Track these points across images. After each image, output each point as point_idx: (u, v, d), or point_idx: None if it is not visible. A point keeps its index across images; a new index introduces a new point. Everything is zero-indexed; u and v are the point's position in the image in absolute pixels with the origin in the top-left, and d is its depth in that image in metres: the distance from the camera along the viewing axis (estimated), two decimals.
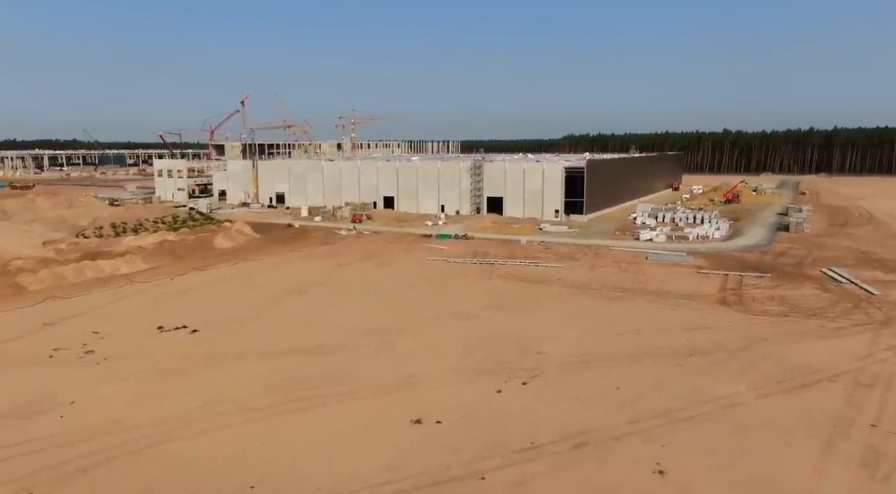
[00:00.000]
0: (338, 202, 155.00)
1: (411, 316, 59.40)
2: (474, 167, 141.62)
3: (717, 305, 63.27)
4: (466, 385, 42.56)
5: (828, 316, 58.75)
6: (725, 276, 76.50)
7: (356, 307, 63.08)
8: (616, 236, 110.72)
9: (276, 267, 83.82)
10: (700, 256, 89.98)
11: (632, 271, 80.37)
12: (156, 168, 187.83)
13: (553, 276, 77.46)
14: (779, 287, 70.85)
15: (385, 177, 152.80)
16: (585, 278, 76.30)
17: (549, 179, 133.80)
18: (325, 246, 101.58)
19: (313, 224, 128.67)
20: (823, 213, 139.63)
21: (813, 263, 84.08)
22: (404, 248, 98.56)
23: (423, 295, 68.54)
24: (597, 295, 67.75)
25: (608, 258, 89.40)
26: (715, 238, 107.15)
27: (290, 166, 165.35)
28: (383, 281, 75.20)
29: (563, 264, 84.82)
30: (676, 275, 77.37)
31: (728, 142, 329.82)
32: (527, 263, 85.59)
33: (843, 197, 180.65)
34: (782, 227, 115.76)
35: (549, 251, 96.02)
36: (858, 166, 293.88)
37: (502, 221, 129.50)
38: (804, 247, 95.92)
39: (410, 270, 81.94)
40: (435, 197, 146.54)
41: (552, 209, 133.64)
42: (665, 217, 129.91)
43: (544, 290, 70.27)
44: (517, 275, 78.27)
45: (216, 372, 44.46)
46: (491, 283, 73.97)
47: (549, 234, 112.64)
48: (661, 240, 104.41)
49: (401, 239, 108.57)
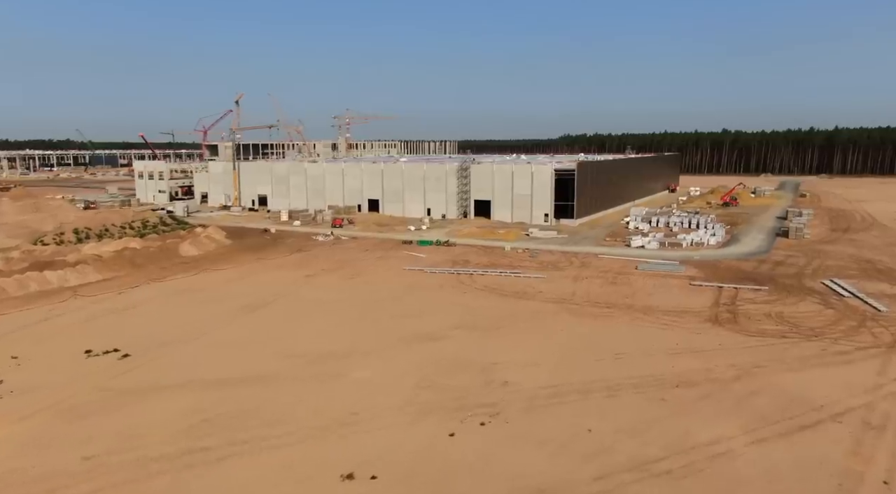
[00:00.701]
0: (321, 205, 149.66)
1: (370, 338, 53.86)
2: (461, 169, 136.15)
3: (708, 324, 57.71)
4: (416, 426, 37.01)
5: (830, 338, 53.19)
6: (719, 289, 70.94)
7: (312, 326, 57.54)
8: (606, 242, 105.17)
9: (238, 279, 78.28)
10: (693, 265, 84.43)
11: (619, 283, 74.82)
12: (136, 169, 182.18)
13: (534, 289, 71.92)
14: (777, 301, 65.28)
15: (369, 180, 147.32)
16: (568, 291, 70.75)
17: (539, 182, 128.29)
18: (298, 253, 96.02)
19: (291, 229, 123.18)
20: (825, 217, 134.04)
21: (814, 273, 78.53)
22: (380, 256, 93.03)
23: (389, 311, 62.98)
24: (578, 312, 62.18)
25: (595, 267, 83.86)
26: (710, 245, 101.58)
27: (273, 168, 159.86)
28: (349, 295, 69.67)
29: (546, 274, 79.27)
30: (667, 288, 71.82)
31: (727, 142, 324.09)
32: (508, 273, 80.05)
33: (845, 199, 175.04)
34: (781, 233, 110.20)
35: (533, 259, 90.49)
36: (860, 167, 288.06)
37: (489, 226, 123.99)
38: (804, 255, 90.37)
39: (382, 281, 76.41)
40: (421, 200, 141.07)
41: (542, 213, 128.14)
42: (659, 221, 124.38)
43: (522, 306, 64.71)
44: (495, 287, 72.74)
45: (131, 410, 38.90)
46: (465, 297, 68.44)
47: (536, 240, 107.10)
48: (654, 246, 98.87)
49: (379, 245, 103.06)
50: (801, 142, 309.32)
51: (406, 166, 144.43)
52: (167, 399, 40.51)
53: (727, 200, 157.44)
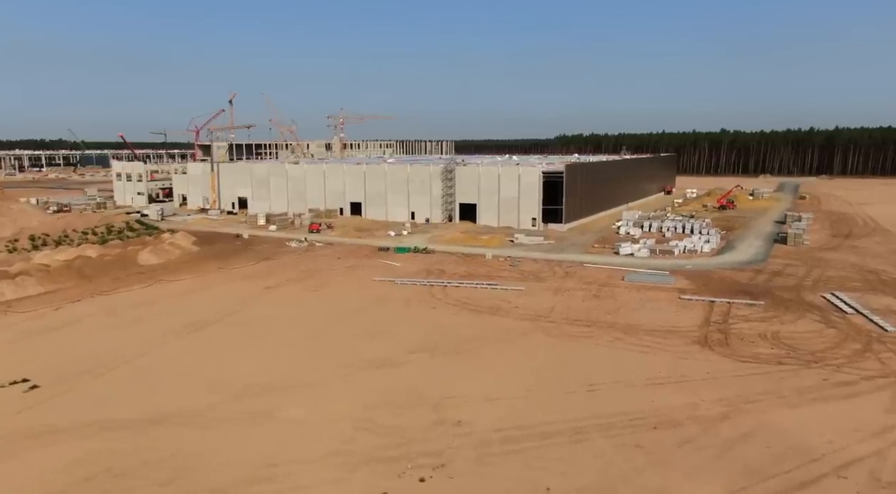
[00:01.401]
0: (302, 208, 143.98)
1: (317, 364, 48.13)
2: (446, 171, 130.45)
3: (696, 346, 51.99)
4: (342, 484, 31.30)
5: (832, 364, 47.49)
6: (711, 304, 65.20)
7: (256, 349, 51.81)
8: (594, 249, 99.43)
9: (193, 292, 72.52)
10: (685, 275, 78.71)
11: (603, 296, 69.09)
12: (114, 171, 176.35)
13: (510, 303, 66.20)
14: (773, 319, 59.56)
15: (352, 182, 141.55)
16: (547, 306, 65.03)
17: (525, 185, 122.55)
18: (265, 261, 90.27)
19: (266, 234, 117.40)
20: (825, 221, 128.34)
21: (814, 285, 72.82)
22: (352, 265, 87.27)
23: (346, 330, 57.24)
24: (554, 331, 56.46)
25: (579, 278, 78.13)
26: (704, 252, 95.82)
27: (252, 169, 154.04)
28: (307, 311, 63.93)
29: (524, 286, 73.54)
30: (654, 303, 66.07)
31: (725, 142, 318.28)
32: (484, 285, 74.31)
33: (846, 202, 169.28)
34: (779, 239, 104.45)
35: (514, 268, 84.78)
36: (861, 168, 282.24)
37: (474, 231, 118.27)
38: (804, 264, 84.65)
39: (347, 294, 70.68)
40: (405, 203, 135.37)
41: (529, 217, 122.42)
42: (651, 226, 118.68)
43: (494, 324, 58.98)
44: (468, 302, 67.01)
45: (9, 464, 33.16)
46: (434, 313, 62.69)
47: (520, 247, 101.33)
48: (644, 254, 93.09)
49: (354, 252, 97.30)
50: (801, 142, 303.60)
51: (389, 168, 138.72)
52: (58, 446, 34.77)
53: (724, 203, 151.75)
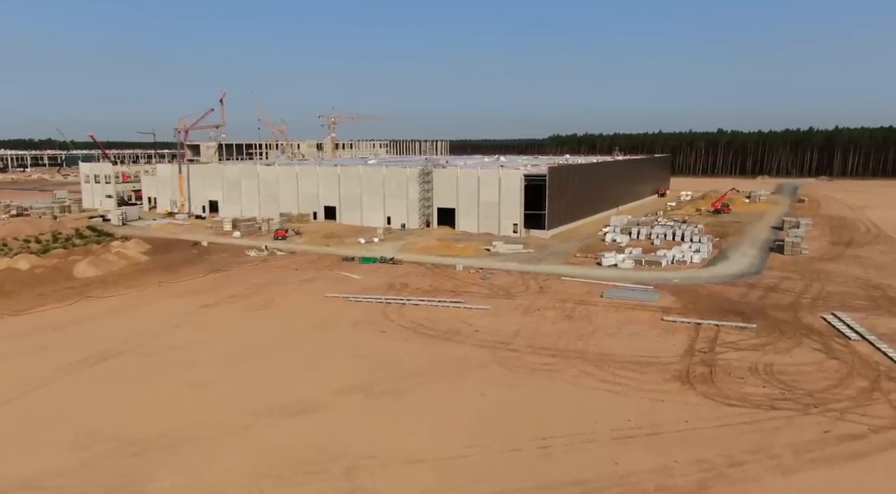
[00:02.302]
0: (275, 212, 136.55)
1: (221, 411, 40.60)
2: (423, 174, 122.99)
3: (676, 384, 44.56)
4: None
5: (835, 409, 40.06)
6: (697, 327, 57.77)
7: (154, 391, 44.19)
8: (576, 259, 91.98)
9: (116, 312, 64.90)
10: (671, 291, 71.28)
11: (577, 317, 61.63)
12: (82, 172, 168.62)
13: (471, 325, 58.74)
14: (766, 346, 52.14)
15: (326, 185, 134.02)
16: (512, 329, 57.57)
17: (506, 189, 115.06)
18: (215, 274, 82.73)
19: (228, 241, 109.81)
20: (825, 227, 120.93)
21: (813, 304, 65.41)
22: (309, 278, 79.78)
23: (271, 362, 49.77)
24: (514, 363, 49.01)
25: (554, 294, 70.68)
26: (693, 263, 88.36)
27: (224, 171, 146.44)
28: (237, 337, 56.41)
29: (491, 305, 66.09)
30: (633, 325, 58.63)
31: (722, 142, 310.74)
32: (447, 303, 66.80)
33: (847, 205, 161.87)
34: (776, 247, 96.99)
35: (485, 282, 77.35)
36: (861, 169, 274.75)
37: (451, 238, 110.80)
38: (802, 278, 77.22)
39: (289, 315, 63.20)
40: (380, 207, 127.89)
41: (510, 223, 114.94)
42: (640, 232, 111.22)
43: (447, 353, 51.54)
44: (424, 324, 59.56)
45: None
46: (380, 340, 55.21)
47: (496, 257, 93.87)
48: (628, 265, 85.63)
49: (315, 263, 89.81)
50: (800, 142, 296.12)
51: (364, 170, 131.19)
52: None
53: (718, 207, 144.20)
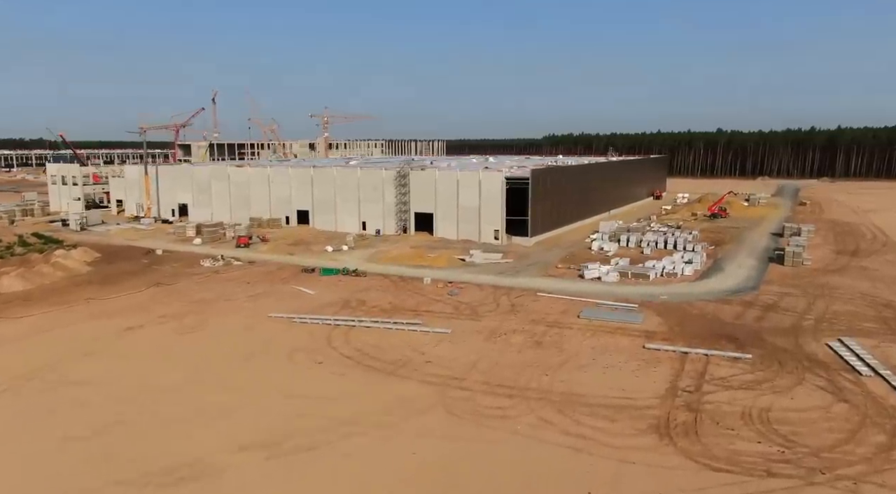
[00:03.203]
0: (246, 216, 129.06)
1: (84, 477, 32.97)
2: (399, 176, 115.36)
3: (653, 437, 36.92)
4: None
5: (846, 476, 32.44)
6: (683, 357, 50.14)
7: (20, 446, 36.60)
8: (557, 271, 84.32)
9: (26, 336, 57.11)
10: (657, 310, 63.62)
11: (547, 343, 53.99)
12: (48, 174, 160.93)
13: (424, 355, 51.15)
14: (763, 384, 44.50)
15: (298, 187, 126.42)
16: (470, 359, 49.96)
17: (487, 192, 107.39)
18: (155, 288, 75.03)
19: (186, 249, 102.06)
20: (828, 233, 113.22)
21: (816, 326, 57.76)
22: (258, 293, 72.12)
23: (176, 405, 42.11)
24: (463, 407, 41.37)
25: (527, 313, 63.02)
26: (685, 275, 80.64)
27: (193, 172, 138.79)
28: (149, 369, 48.76)
29: (454, 326, 58.45)
30: (610, 354, 50.99)
31: (721, 142, 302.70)
32: (402, 325, 59.16)
33: (850, 209, 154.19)
34: (776, 257, 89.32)
35: (452, 298, 69.71)
36: (865, 170, 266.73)
37: (427, 245, 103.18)
38: (804, 294, 69.56)
39: (220, 340, 55.58)
40: (355, 211, 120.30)
41: (491, 229, 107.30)
42: (630, 240, 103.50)
43: (387, 391, 43.93)
44: (371, 352, 51.94)
45: None
46: (314, 375, 47.58)
47: (471, 268, 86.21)
48: (613, 279, 77.97)
49: (272, 275, 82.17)
50: (801, 142, 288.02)
51: (339, 172, 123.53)
52: None
53: (715, 211, 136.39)
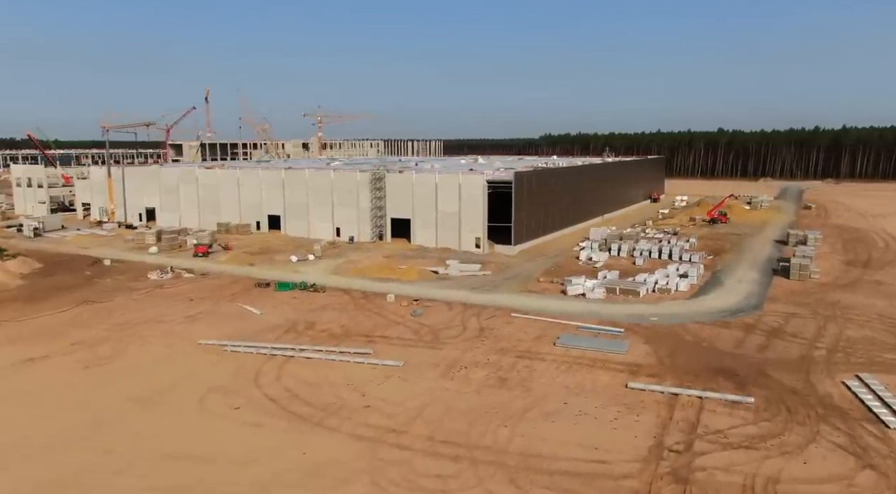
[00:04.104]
0: (214, 222, 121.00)
1: None
2: (374, 179, 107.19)
3: None
4: None
5: None
6: (673, 400, 41.96)
7: None
8: (538, 285, 76.16)
9: None
10: (646, 335, 55.42)
11: (513, 380, 45.85)
12: (13, 176, 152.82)
13: (364, 397, 43.03)
14: (768, 442, 36.25)
15: (269, 191, 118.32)
16: (417, 403, 41.82)
17: (468, 197, 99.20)
18: (84, 306, 66.85)
19: (138, 259, 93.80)
20: (836, 241, 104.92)
21: (829, 357, 49.58)
22: (198, 313, 63.95)
23: (23, 481, 34.00)
24: (396, 474, 33.16)
25: (495, 340, 54.86)
26: (680, 291, 72.46)
27: (161, 175, 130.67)
28: (24, 419, 40.66)
29: (408, 357, 50.29)
30: (586, 396, 42.81)
31: (723, 142, 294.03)
32: (348, 357, 50.99)
33: (858, 213, 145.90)
34: (780, 269, 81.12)
35: (415, 319, 61.59)
36: (871, 170, 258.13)
37: (402, 254, 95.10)
38: (813, 315, 61.35)
39: (130, 375, 47.42)
40: (329, 217, 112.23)
41: (473, 237, 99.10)
42: (621, 248, 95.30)
43: (309, 447, 35.75)
44: (303, 392, 43.84)
45: None
46: (223, 425, 39.37)
47: (444, 282, 78.05)
48: (598, 295, 69.75)
49: (221, 290, 74.03)
50: (805, 142, 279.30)
51: (311, 175, 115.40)
52: None
53: (715, 216, 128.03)
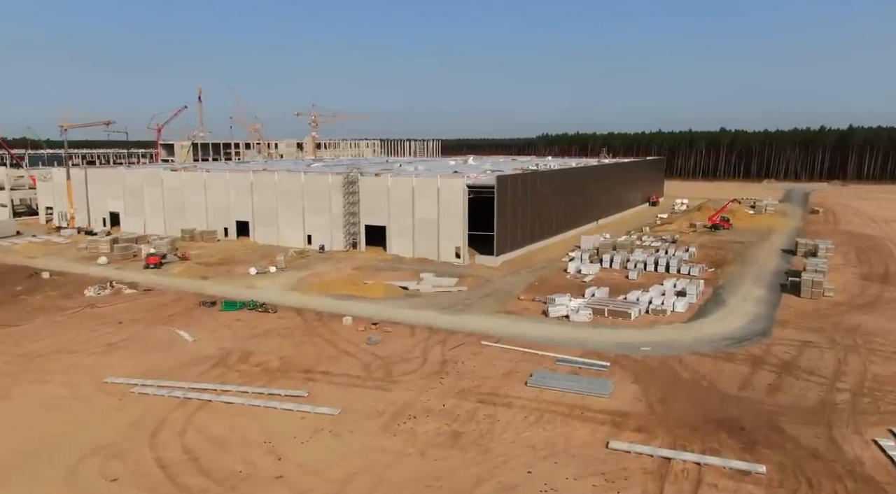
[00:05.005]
0: (179, 227, 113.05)
1: None
2: (347, 183, 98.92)
3: None
4: None
5: None
6: (664, 467, 33.59)
7: None
8: (519, 303, 67.81)
9: None
10: (635, 372, 47.02)
11: (469, 437, 37.49)
12: None
13: (280, 460, 34.75)
14: None
15: (237, 195, 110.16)
16: (342, 473, 33.50)
17: (447, 203, 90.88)
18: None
19: (83, 271, 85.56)
20: (849, 250, 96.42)
21: (854, 403, 41.19)
22: (121, 340, 55.65)
23: None
24: None
25: (459, 375, 46.53)
26: (676, 311, 63.97)
27: (125, 177, 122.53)
28: None
29: (348, 402, 41.98)
30: (555, 461, 34.45)
31: (725, 142, 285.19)
32: (280, 400, 42.70)
33: (868, 218, 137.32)
34: (790, 285, 72.73)
35: (370, 348, 53.31)
36: (879, 172, 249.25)
37: (373, 266, 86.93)
38: (830, 343, 52.92)
39: (8, 423, 39.20)
40: (300, 223, 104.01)
41: (452, 246, 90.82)
42: (613, 260, 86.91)
43: None
44: (207, 452, 35.57)
45: None
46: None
47: (413, 300, 69.76)
48: (584, 318, 61.32)
49: (159, 309, 65.74)
50: (810, 143, 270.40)
51: (280, 178, 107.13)
52: None
53: (717, 222, 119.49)
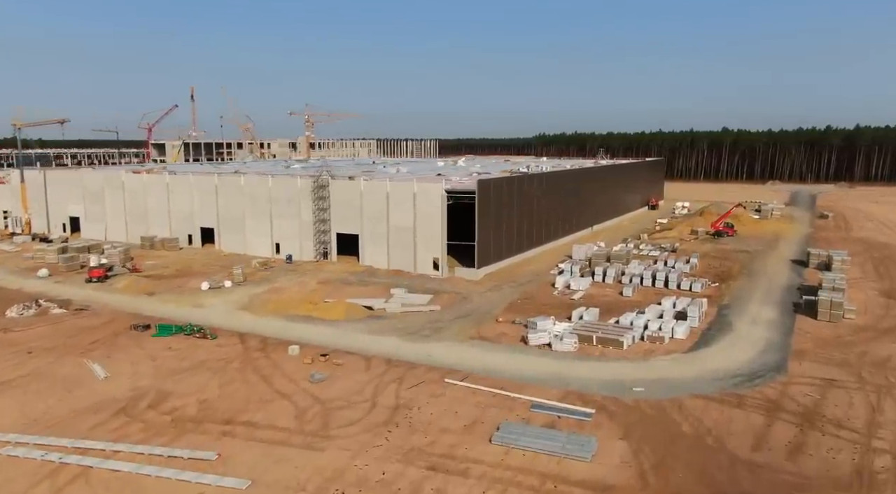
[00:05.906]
0: (141, 233, 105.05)
1: None
2: (317, 187, 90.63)
3: None
4: None
5: None
6: None
7: None
8: (495, 327, 59.40)
9: None
10: (624, 422, 38.65)
11: None
12: None
13: None
14: None
15: (202, 200, 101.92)
16: None
17: (424, 210, 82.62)
18: None
19: (19, 285, 77.37)
20: (866, 262, 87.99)
21: (893, 463, 32.82)
22: (21, 376, 47.33)
23: None
24: None
25: (410, 429, 38.19)
26: (676, 338, 55.57)
27: (84, 180, 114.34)
28: None
29: (264, 469, 33.67)
30: None
31: (727, 142, 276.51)
32: (182, 463, 34.41)
33: (881, 223, 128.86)
34: (804, 305, 64.27)
35: (313, 386, 45.03)
36: (887, 173, 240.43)
37: (343, 279, 78.73)
38: (858, 381, 44.56)
39: None
40: (267, 230, 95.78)
41: (430, 257, 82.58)
42: (606, 273, 78.54)
43: None
44: None
45: None
46: None
47: (377, 323, 61.43)
48: (568, 346, 52.95)
49: (81, 334, 57.42)
50: (816, 143, 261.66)
51: (247, 181, 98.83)
52: None
53: (720, 228, 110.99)
